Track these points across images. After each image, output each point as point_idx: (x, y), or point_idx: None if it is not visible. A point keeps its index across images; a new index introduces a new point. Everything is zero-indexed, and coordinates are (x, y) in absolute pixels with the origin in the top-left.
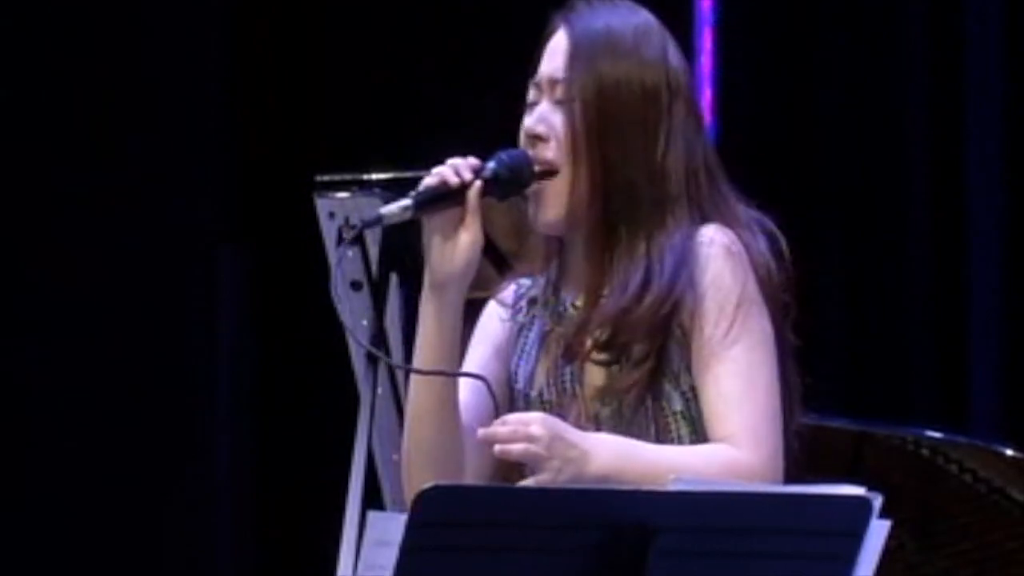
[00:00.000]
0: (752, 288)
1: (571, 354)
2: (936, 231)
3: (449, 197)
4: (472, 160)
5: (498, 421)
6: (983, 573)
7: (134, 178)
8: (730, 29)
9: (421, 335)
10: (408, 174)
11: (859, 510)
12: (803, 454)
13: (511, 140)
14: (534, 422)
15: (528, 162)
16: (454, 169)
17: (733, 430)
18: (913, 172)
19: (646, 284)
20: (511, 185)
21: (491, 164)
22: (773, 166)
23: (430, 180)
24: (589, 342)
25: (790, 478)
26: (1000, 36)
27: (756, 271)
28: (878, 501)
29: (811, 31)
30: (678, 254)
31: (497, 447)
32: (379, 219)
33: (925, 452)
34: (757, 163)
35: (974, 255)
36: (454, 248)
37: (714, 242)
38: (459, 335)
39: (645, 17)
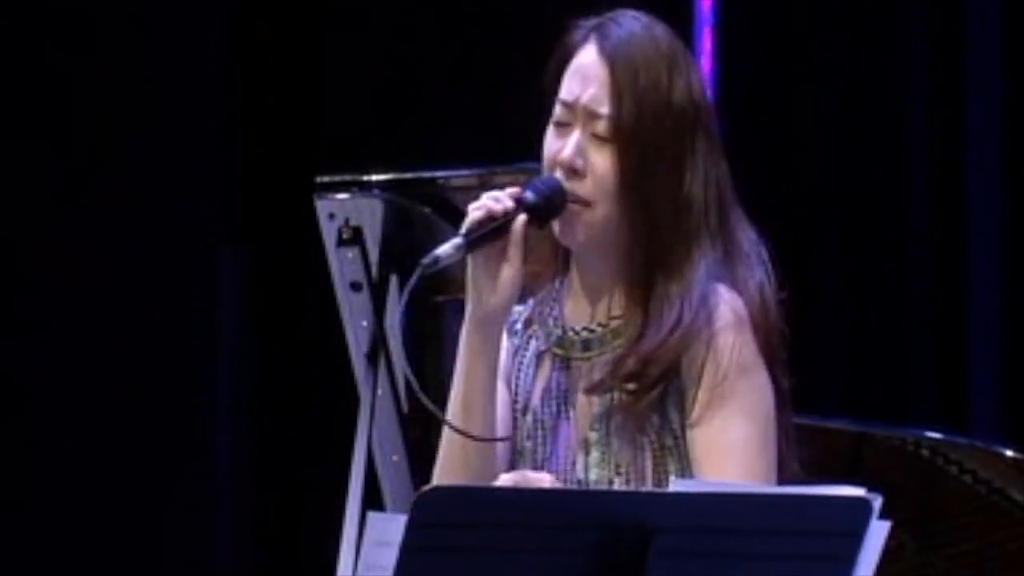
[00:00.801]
0: (753, 351)
1: (603, 388)
2: (936, 231)
3: (496, 233)
4: (512, 190)
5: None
6: (983, 574)
7: (134, 178)
8: (730, 29)
9: (462, 370)
10: (408, 175)
11: (859, 511)
12: (803, 455)
13: (512, 140)
14: (543, 478)
15: (562, 192)
16: (495, 200)
17: (742, 473)
18: (913, 172)
19: (679, 321)
20: (546, 213)
21: (529, 194)
22: (773, 166)
23: (476, 214)
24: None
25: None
26: (1000, 36)
27: (756, 333)
28: (878, 502)
29: (811, 31)
30: (700, 296)
31: None
32: (436, 261)
33: (925, 453)
34: (757, 163)
35: (974, 255)
36: (497, 283)
37: (728, 308)
38: (498, 368)
39: (671, 40)
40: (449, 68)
